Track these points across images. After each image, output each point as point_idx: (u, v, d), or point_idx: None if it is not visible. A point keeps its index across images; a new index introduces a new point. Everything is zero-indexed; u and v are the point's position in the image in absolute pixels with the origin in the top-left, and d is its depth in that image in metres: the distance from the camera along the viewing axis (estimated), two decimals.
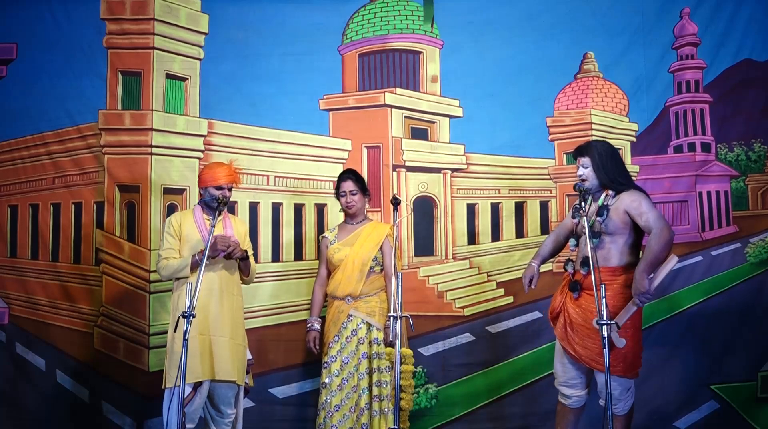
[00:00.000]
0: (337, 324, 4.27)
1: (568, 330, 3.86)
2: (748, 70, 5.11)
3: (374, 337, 4.25)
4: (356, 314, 4.27)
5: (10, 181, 5.16)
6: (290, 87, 5.18)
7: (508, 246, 5.18)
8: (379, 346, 4.23)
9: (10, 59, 5.16)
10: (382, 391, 4.19)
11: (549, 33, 5.19)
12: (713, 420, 4.85)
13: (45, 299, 5.03)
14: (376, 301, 4.31)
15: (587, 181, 3.86)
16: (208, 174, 4.11)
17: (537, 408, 4.77)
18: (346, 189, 4.41)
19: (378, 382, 4.21)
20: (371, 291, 4.32)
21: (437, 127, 5.27)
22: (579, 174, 3.91)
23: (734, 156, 5.14)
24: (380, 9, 5.34)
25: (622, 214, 3.77)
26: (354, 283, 4.28)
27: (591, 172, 3.86)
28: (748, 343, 4.87)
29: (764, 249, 5.02)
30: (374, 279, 4.35)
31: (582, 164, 3.90)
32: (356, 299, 4.28)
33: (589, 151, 3.89)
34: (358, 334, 4.25)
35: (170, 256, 4.01)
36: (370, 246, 4.34)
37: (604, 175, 3.84)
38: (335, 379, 4.20)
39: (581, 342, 3.80)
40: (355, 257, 4.31)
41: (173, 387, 3.74)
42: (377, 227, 4.47)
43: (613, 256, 3.82)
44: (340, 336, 4.26)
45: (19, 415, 4.90)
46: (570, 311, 3.86)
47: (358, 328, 4.26)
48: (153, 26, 5.10)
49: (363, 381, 4.19)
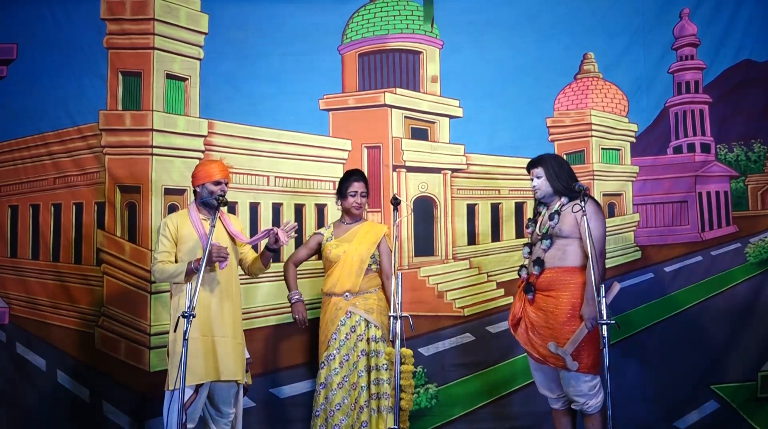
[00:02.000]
0: (335, 321, 4.27)
1: (530, 334, 3.97)
2: (748, 71, 5.11)
3: (372, 334, 4.25)
4: (355, 311, 4.27)
5: (11, 181, 5.16)
6: (290, 87, 5.18)
7: (508, 246, 5.19)
8: (377, 344, 4.23)
9: (11, 59, 5.16)
10: (381, 389, 4.19)
11: (549, 33, 5.20)
12: (713, 420, 4.85)
13: (45, 299, 5.03)
14: (374, 299, 4.32)
15: (540, 190, 4.05)
16: (203, 170, 4.06)
17: (537, 408, 4.75)
18: (358, 189, 4.40)
19: (376, 380, 4.21)
20: (369, 288, 4.33)
21: (437, 127, 5.28)
22: (532, 185, 4.09)
23: (734, 156, 5.14)
24: (380, 9, 5.34)
25: (572, 218, 3.90)
26: (353, 279, 4.28)
27: (544, 182, 4.03)
28: (748, 343, 4.88)
29: (764, 249, 5.02)
30: (372, 277, 4.36)
31: (536, 175, 4.07)
32: (355, 295, 4.28)
33: (542, 163, 4.07)
34: (356, 331, 4.25)
35: (165, 260, 3.97)
36: (369, 243, 4.35)
37: (558, 182, 4.00)
38: (335, 377, 4.20)
39: (543, 343, 3.88)
40: (354, 253, 4.32)
41: (173, 389, 3.73)
42: (374, 226, 4.49)
43: (569, 256, 3.91)
44: (338, 333, 4.26)
45: (20, 415, 4.91)
46: (530, 315, 3.97)
47: (356, 324, 4.26)
48: (153, 26, 5.11)
49: (362, 378, 4.19)
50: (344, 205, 4.46)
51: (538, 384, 4.14)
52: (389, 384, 4.17)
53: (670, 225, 5.12)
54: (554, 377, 4.01)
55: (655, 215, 5.16)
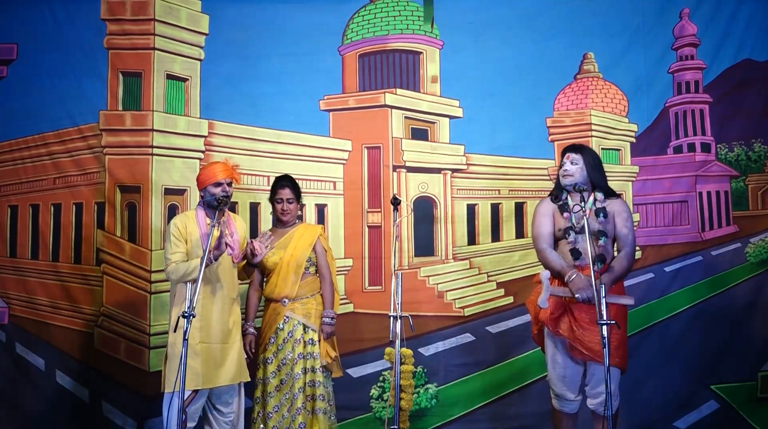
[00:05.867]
0: (273, 326, 4.25)
1: (575, 329, 3.83)
2: (748, 70, 5.12)
3: (309, 338, 4.24)
4: (293, 316, 4.25)
5: (11, 181, 5.17)
6: (291, 87, 5.18)
7: (508, 246, 5.19)
8: (313, 347, 4.22)
9: (11, 59, 5.16)
10: (316, 391, 4.18)
11: (549, 33, 5.20)
12: (713, 420, 4.86)
13: (45, 299, 5.03)
14: (312, 304, 4.30)
15: (573, 176, 3.91)
16: (205, 173, 4.08)
17: (537, 408, 4.77)
18: (284, 196, 4.36)
19: (312, 382, 4.20)
20: (307, 293, 4.30)
21: (437, 127, 5.28)
22: (566, 169, 3.93)
23: (734, 156, 5.14)
24: (380, 9, 5.35)
25: (612, 218, 3.89)
26: (290, 286, 4.26)
27: (581, 169, 3.91)
28: (748, 343, 4.88)
29: (764, 249, 5.02)
30: (310, 280, 4.33)
31: (572, 160, 3.94)
32: (293, 301, 4.27)
33: (583, 150, 3.98)
34: (294, 336, 4.24)
35: (179, 260, 3.96)
36: (303, 247, 4.31)
37: (598, 176, 3.94)
38: (272, 381, 4.19)
39: (592, 339, 3.75)
40: (290, 259, 4.27)
41: (172, 392, 3.73)
42: (309, 229, 4.43)
43: (609, 253, 3.91)
44: (276, 338, 4.24)
45: (19, 415, 4.91)
46: (575, 312, 3.84)
47: (294, 329, 4.24)
48: (153, 27, 5.11)
49: (298, 381, 4.17)
50: (274, 211, 4.43)
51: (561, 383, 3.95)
52: (324, 387, 4.18)
53: (670, 225, 5.13)
54: (579, 379, 3.93)
55: (655, 215, 5.16)
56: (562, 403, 3.97)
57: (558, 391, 3.96)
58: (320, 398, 4.18)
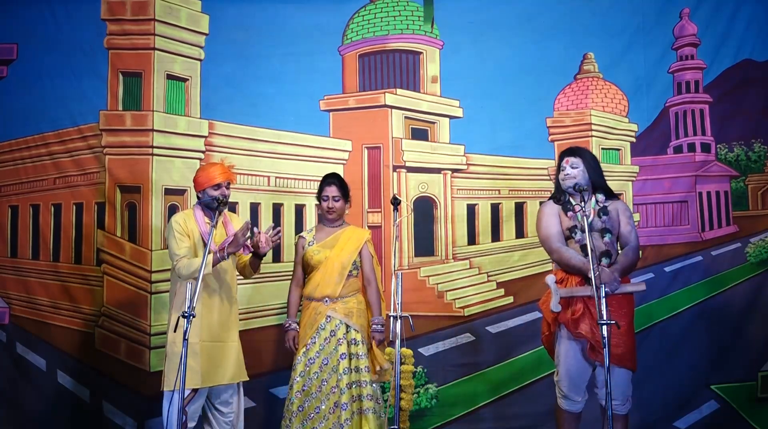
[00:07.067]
0: (314, 325, 4.24)
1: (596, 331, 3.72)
2: (748, 70, 5.12)
3: (352, 338, 4.23)
4: (334, 315, 4.23)
5: (11, 181, 5.17)
6: (291, 88, 5.19)
7: (508, 246, 5.19)
8: (356, 347, 4.21)
9: (11, 59, 5.17)
10: (363, 391, 4.17)
11: (549, 33, 5.20)
12: (713, 420, 4.86)
13: (46, 299, 5.03)
14: (353, 302, 4.28)
15: (574, 179, 3.92)
16: (203, 176, 4.05)
17: (537, 408, 4.77)
18: (330, 194, 4.36)
19: (357, 382, 4.19)
20: (348, 293, 4.30)
21: (437, 127, 5.28)
22: (565, 173, 3.95)
23: (734, 156, 5.14)
24: (380, 9, 5.35)
25: (615, 216, 3.92)
26: (333, 286, 4.24)
27: (582, 172, 3.93)
28: (748, 343, 4.88)
29: (764, 249, 5.02)
30: (352, 282, 4.32)
31: (572, 164, 3.95)
32: (334, 301, 4.27)
33: (581, 153, 3.99)
34: (336, 336, 4.22)
35: (188, 255, 3.93)
36: (350, 250, 4.31)
37: (596, 175, 3.95)
38: (314, 381, 4.17)
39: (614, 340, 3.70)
40: (336, 260, 4.27)
41: (173, 390, 3.73)
42: (356, 232, 4.42)
43: (614, 251, 3.92)
44: (317, 337, 4.24)
45: (20, 415, 4.91)
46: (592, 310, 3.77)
47: (336, 329, 4.23)
48: (153, 27, 5.11)
49: (342, 381, 4.15)
50: (320, 208, 4.44)
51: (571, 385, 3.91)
52: (371, 386, 4.17)
53: (670, 225, 5.13)
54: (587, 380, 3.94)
55: (655, 215, 5.16)
56: (568, 403, 3.97)
57: (566, 392, 3.95)
58: (368, 398, 4.15)
